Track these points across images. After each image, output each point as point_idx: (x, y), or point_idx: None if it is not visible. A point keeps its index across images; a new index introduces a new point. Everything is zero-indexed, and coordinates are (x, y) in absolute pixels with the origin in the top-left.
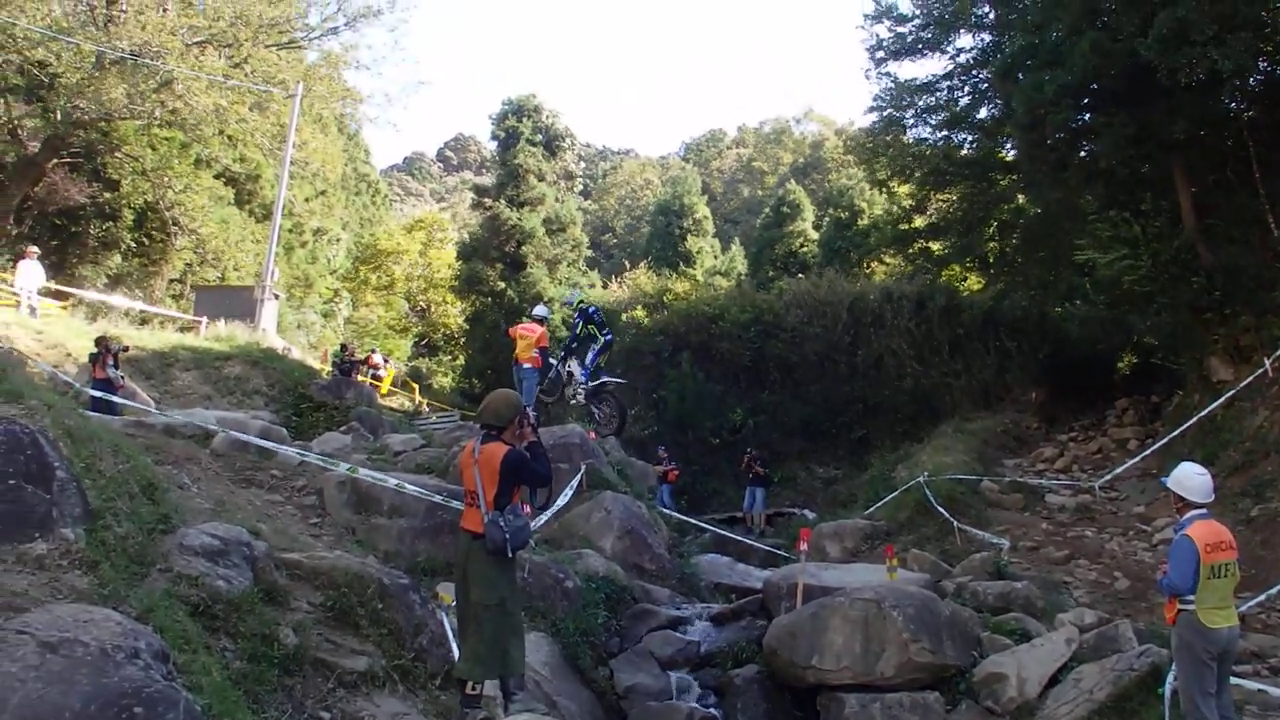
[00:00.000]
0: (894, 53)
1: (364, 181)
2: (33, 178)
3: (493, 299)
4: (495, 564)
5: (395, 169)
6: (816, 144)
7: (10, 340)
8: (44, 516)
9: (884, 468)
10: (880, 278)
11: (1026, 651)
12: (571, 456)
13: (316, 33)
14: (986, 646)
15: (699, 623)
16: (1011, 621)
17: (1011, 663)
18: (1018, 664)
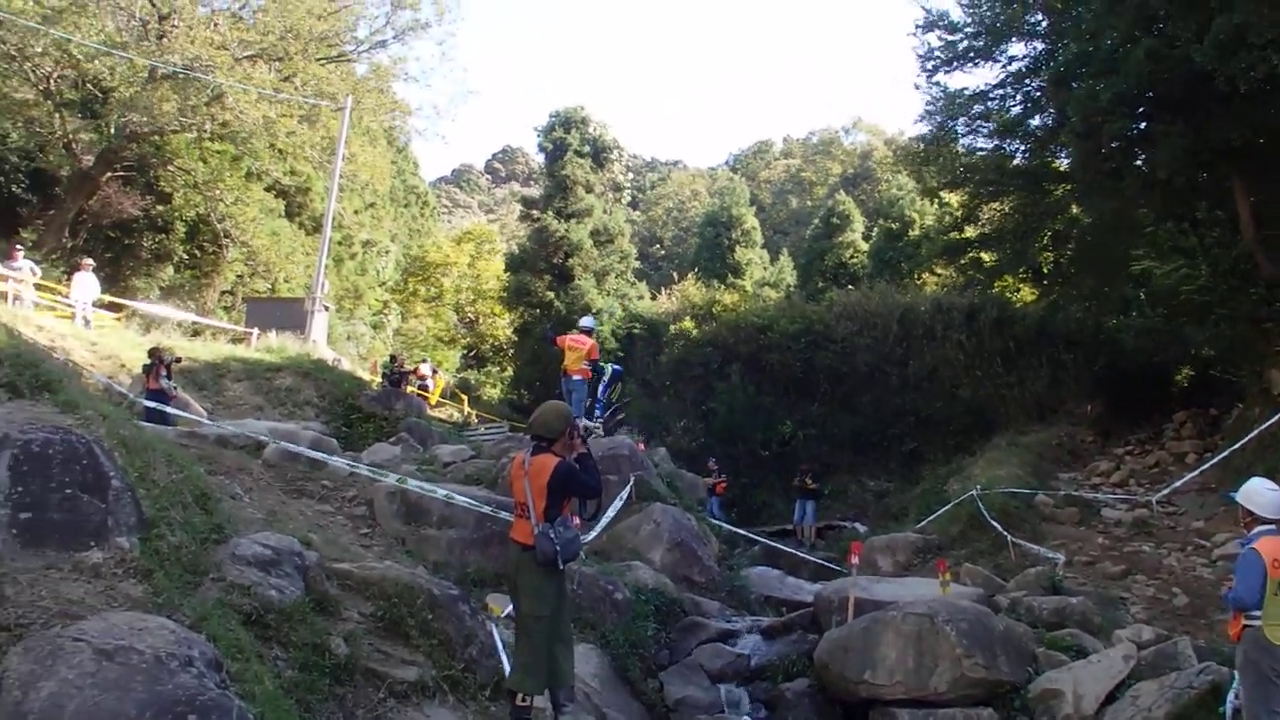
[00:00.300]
0: (945, 61)
1: (413, 194)
2: (87, 191)
3: (541, 310)
4: (545, 576)
5: (444, 181)
6: (865, 154)
7: (66, 351)
8: (99, 525)
9: (936, 481)
10: (931, 289)
11: (1083, 668)
12: (620, 468)
13: (365, 46)
14: (1042, 662)
15: (749, 636)
16: (1067, 637)
17: (1068, 679)
18: (1074, 680)
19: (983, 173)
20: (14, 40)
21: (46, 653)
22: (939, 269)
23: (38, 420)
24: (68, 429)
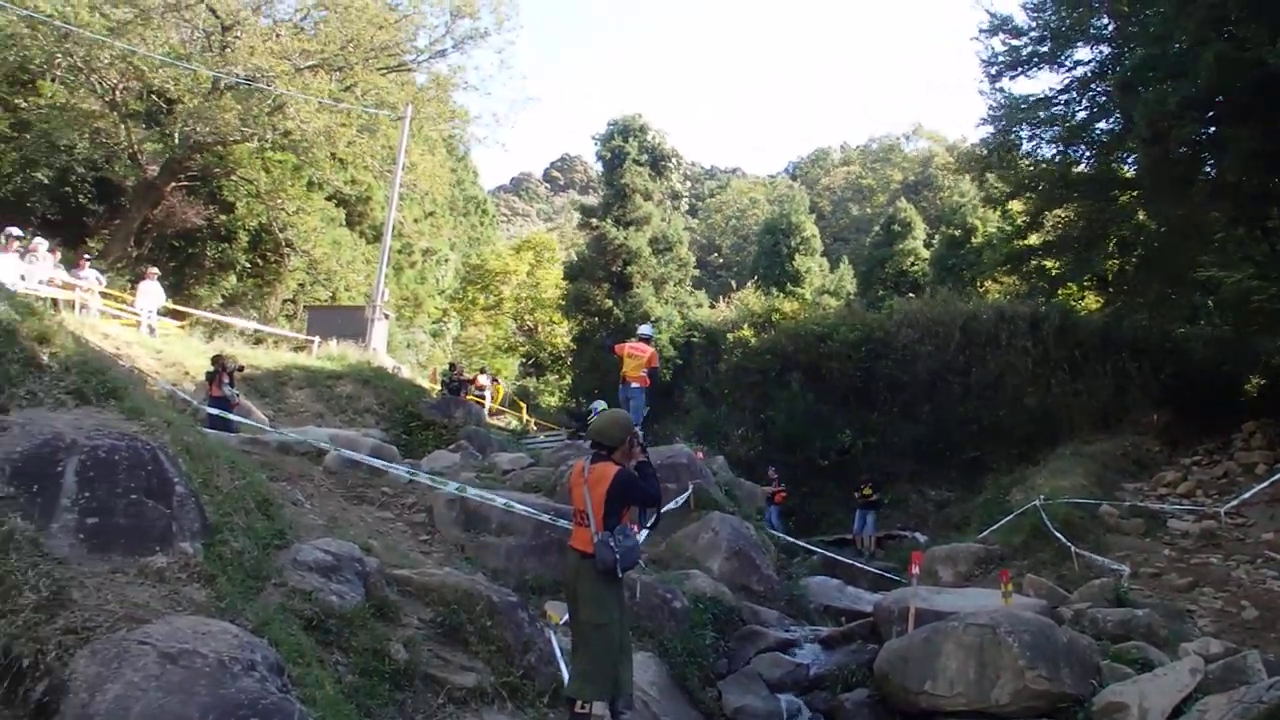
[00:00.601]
0: (1009, 66)
1: (472, 202)
2: (152, 201)
3: (599, 318)
4: (605, 584)
5: (502, 189)
6: (926, 160)
7: (131, 359)
8: (164, 531)
9: (998, 491)
10: (994, 297)
11: (1148, 681)
12: (679, 476)
13: (425, 55)
14: (1106, 675)
15: (808, 645)
16: (1133, 650)
17: (1133, 692)
18: (1139, 694)
19: (1047, 179)
20: (80, 52)
21: (112, 655)
22: (1002, 277)
23: (104, 427)
24: (133, 435)
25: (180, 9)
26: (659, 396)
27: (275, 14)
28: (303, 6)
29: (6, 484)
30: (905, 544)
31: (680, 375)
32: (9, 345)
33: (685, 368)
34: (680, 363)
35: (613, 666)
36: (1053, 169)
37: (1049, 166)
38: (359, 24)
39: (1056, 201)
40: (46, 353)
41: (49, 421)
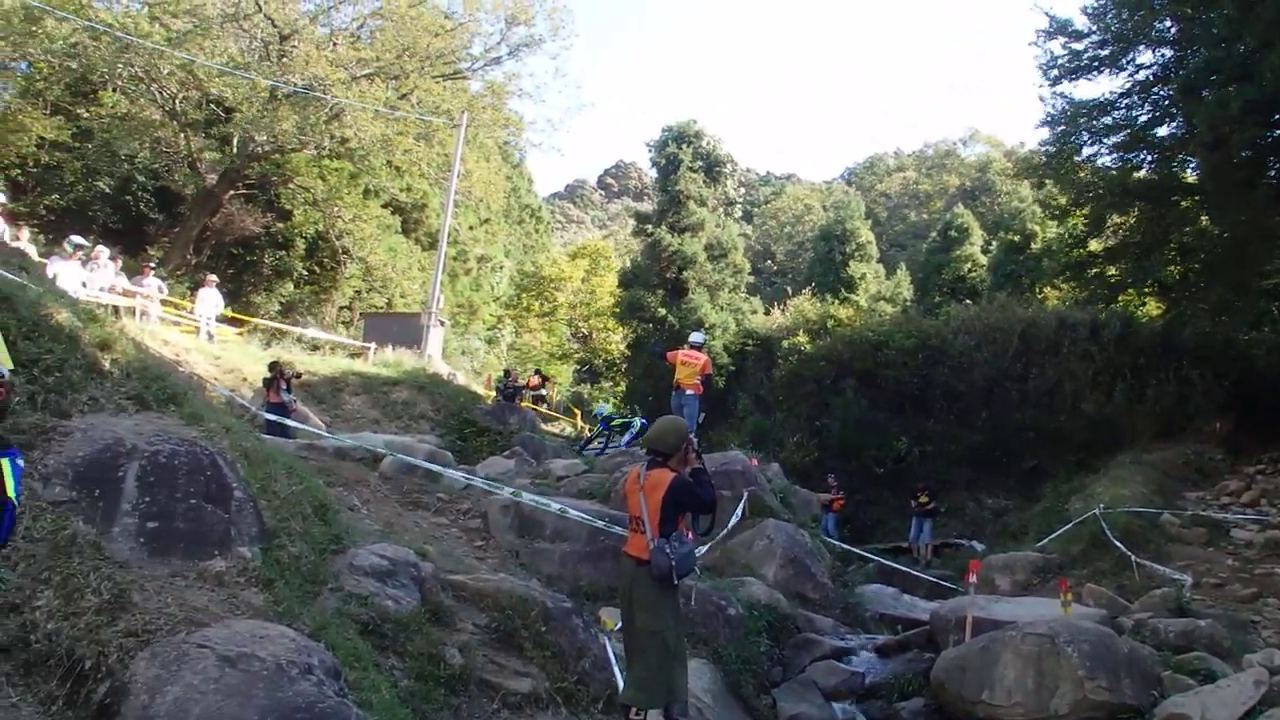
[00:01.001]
0: (1069, 71)
1: (527, 209)
2: (211, 209)
3: (654, 325)
4: (660, 590)
5: (557, 197)
6: (984, 166)
7: (190, 365)
8: (223, 535)
9: (1057, 499)
10: (1053, 303)
11: (1211, 693)
12: (734, 483)
13: (480, 63)
14: (1167, 686)
15: (864, 653)
16: (1195, 661)
17: (1195, 704)
18: (1202, 705)
19: (1107, 185)
20: (141, 62)
21: (172, 658)
22: (1061, 284)
23: (164, 432)
24: (193, 441)
25: (239, 19)
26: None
27: (332, 23)
28: (359, 15)
29: (69, 488)
30: (962, 552)
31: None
32: (72, 352)
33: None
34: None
35: (667, 674)
36: (1113, 174)
37: (1109, 172)
38: (414, 32)
39: (1117, 207)
40: (108, 359)
41: (110, 427)
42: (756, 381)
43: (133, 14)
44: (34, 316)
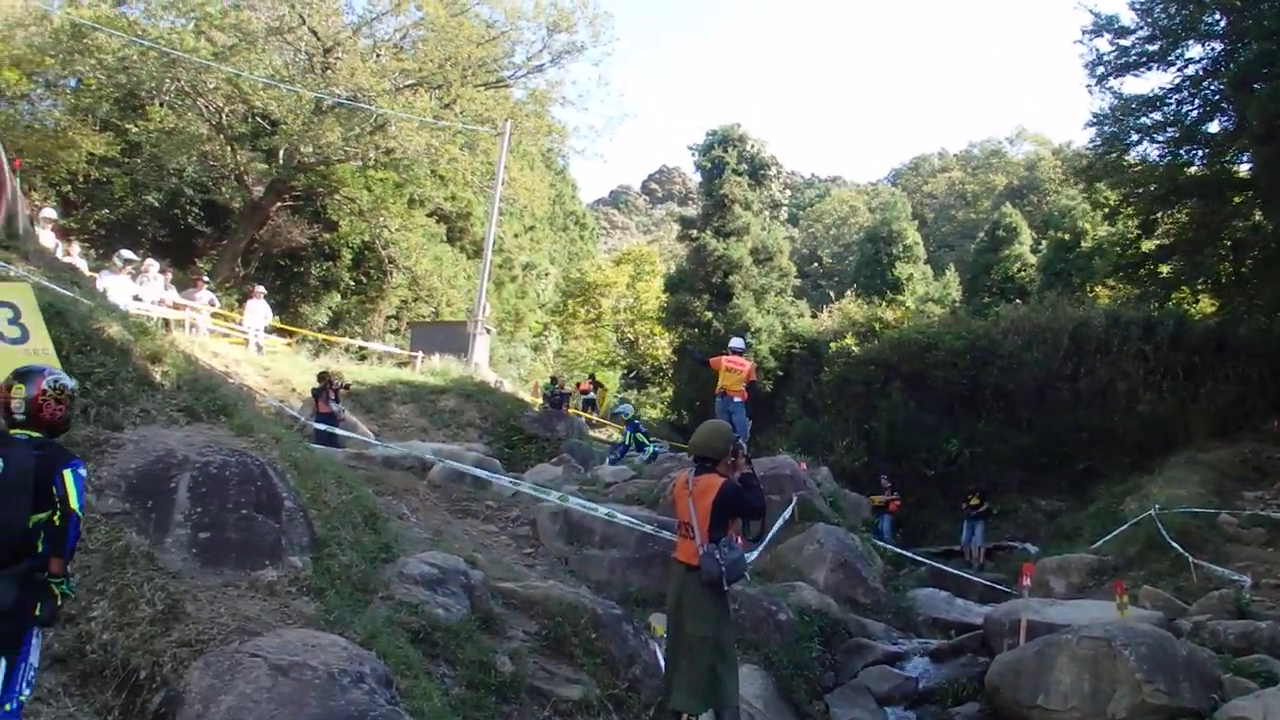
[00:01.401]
0: (1116, 68)
1: (571, 216)
2: (258, 221)
3: (700, 330)
4: (710, 596)
5: (601, 203)
6: (1032, 164)
7: (240, 376)
8: (274, 545)
9: (1111, 500)
10: (1104, 301)
11: (1274, 695)
12: (783, 488)
13: (522, 71)
14: (1228, 690)
15: (916, 658)
16: (1255, 663)
17: (1257, 707)
18: (1264, 709)
19: (1157, 181)
20: (187, 77)
21: (225, 668)
22: (1112, 282)
23: (215, 443)
24: (243, 451)
25: (283, 32)
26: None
27: (375, 35)
28: (402, 26)
29: (122, 500)
30: (1015, 555)
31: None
32: (123, 365)
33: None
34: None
35: (718, 679)
36: (1163, 171)
37: (1160, 168)
38: (457, 42)
39: (1168, 204)
40: (159, 371)
41: (162, 439)
42: (804, 385)
43: (178, 29)
44: (86, 330)
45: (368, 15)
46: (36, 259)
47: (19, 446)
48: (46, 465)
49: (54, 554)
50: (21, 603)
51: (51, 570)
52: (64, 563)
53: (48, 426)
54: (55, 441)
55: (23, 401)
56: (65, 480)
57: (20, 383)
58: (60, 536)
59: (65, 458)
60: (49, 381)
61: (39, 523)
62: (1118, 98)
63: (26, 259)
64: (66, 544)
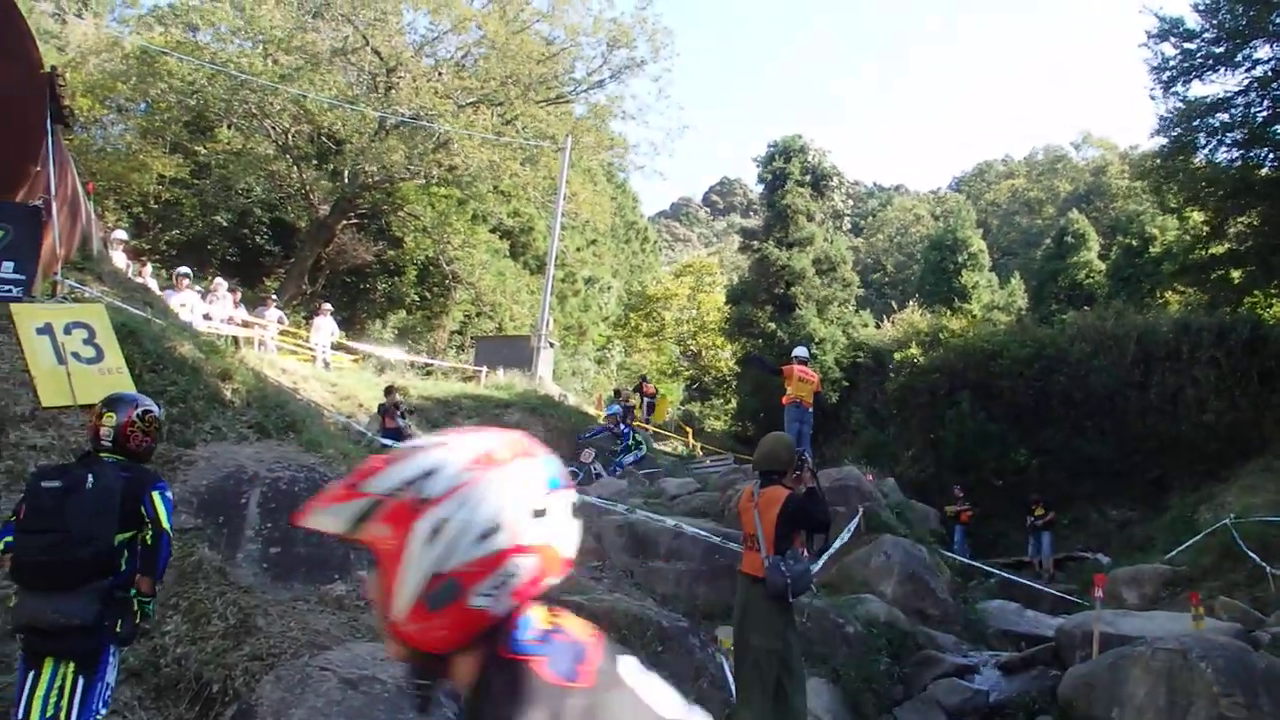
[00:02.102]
0: (1182, 71)
1: (633, 229)
2: (324, 239)
3: (763, 341)
4: (776, 608)
5: (663, 215)
6: (1098, 169)
7: (307, 393)
8: (342, 559)
9: (1184, 509)
10: (1174, 308)
11: None
12: (849, 499)
13: (583, 86)
14: None
15: (987, 671)
16: None
17: None
18: None
19: (1227, 185)
20: (255, 99)
21: (296, 681)
22: (1182, 287)
23: (284, 459)
24: (311, 467)
25: (347, 53)
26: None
27: (437, 54)
28: (463, 45)
29: (194, 515)
30: (1086, 565)
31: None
32: (195, 383)
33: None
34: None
35: (785, 692)
36: (1233, 174)
37: (1229, 172)
38: (518, 59)
39: (1238, 208)
40: (229, 389)
41: (232, 455)
42: (869, 395)
43: (246, 52)
44: (159, 349)
45: (430, 35)
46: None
47: (106, 467)
48: (134, 487)
49: (144, 573)
50: (101, 619)
51: (141, 589)
52: (154, 582)
53: (133, 454)
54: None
55: (112, 429)
56: (155, 501)
57: (111, 411)
58: (153, 556)
59: (152, 480)
60: (138, 413)
61: (124, 541)
62: (1183, 101)
63: (100, 280)
64: (158, 563)
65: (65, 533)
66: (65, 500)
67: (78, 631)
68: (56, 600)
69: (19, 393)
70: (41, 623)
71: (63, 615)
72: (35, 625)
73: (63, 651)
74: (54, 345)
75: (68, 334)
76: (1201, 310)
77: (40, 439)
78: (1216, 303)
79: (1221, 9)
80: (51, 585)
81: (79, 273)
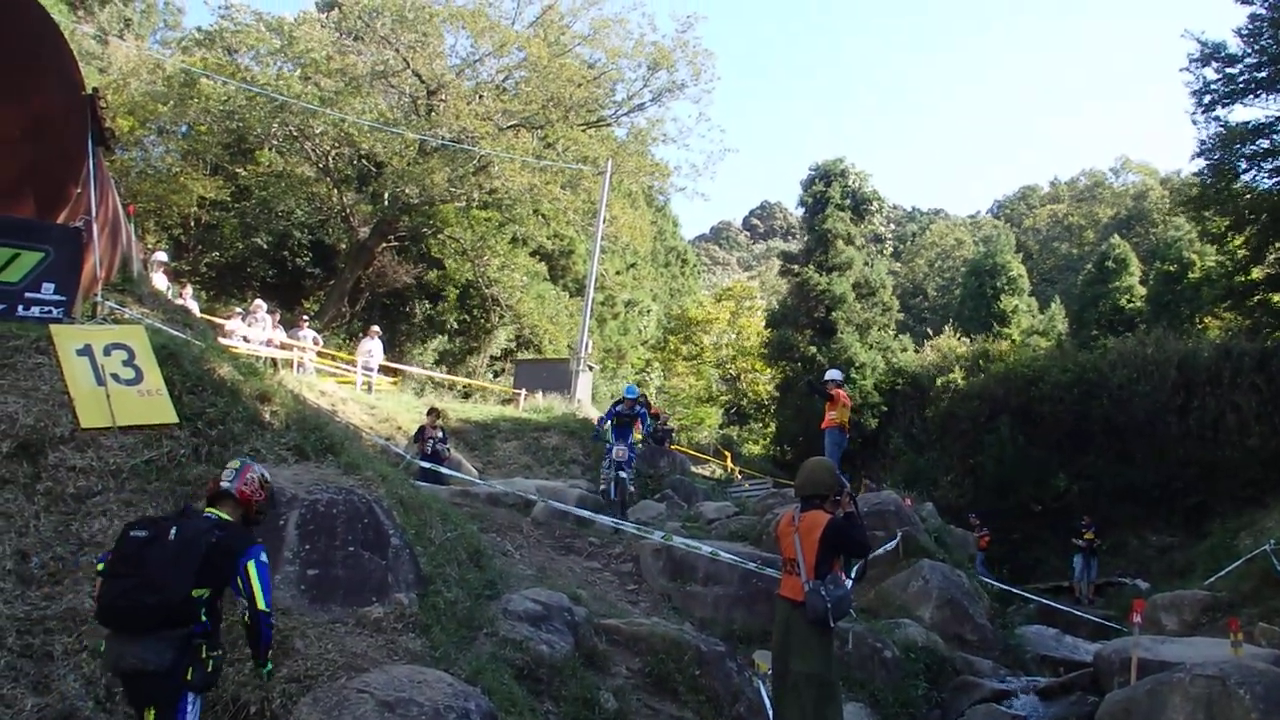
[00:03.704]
0: (1224, 96)
1: (673, 253)
2: (364, 261)
3: (803, 365)
4: (815, 633)
5: (703, 239)
6: (1139, 195)
7: (346, 415)
8: (380, 582)
9: (1225, 535)
10: (1215, 334)
11: None
12: (888, 524)
13: (624, 110)
14: None
15: (1025, 696)
16: None
17: None
18: None
19: (1268, 210)
20: (295, 122)
21: (333, 704)
22: (1222, 313)
23: (323, 482)
24: (350, 489)
25: (388, 76)
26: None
27: (478, 76)
28: (504, 68)
29: None
30: (1125, 591)
31: (887, 421)
32: (234, 405)
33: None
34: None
35: (823, 717)
36: (1274, 199)
37: (1270, 197)
38: (558, 82)
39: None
40: (268, 411)
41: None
42: (908, 420)
43: (286, 75)
44: (198, 371)
45: (471, 57)
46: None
47: (197, 520)
48: (225, 545)
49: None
50: (176, 666)
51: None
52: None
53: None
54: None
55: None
56: (250, 574)
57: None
58: (254, 639)
59: (248, 544)
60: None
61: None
62: (1225, 126)
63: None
64: (260, 646)
65: (140, 579)
66: (147, 549)
67: (154, 676)
68: (136, 645)
69: (58, 414)
70: (123, 666)
71: (139, 660)
72: (119, 668)
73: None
74: (94, 366)
75: (107, 355)
76: (1242, 336)
77: (79, 460)
78: (1258, 328)
79: (1264, 34)
80: (124, 629)
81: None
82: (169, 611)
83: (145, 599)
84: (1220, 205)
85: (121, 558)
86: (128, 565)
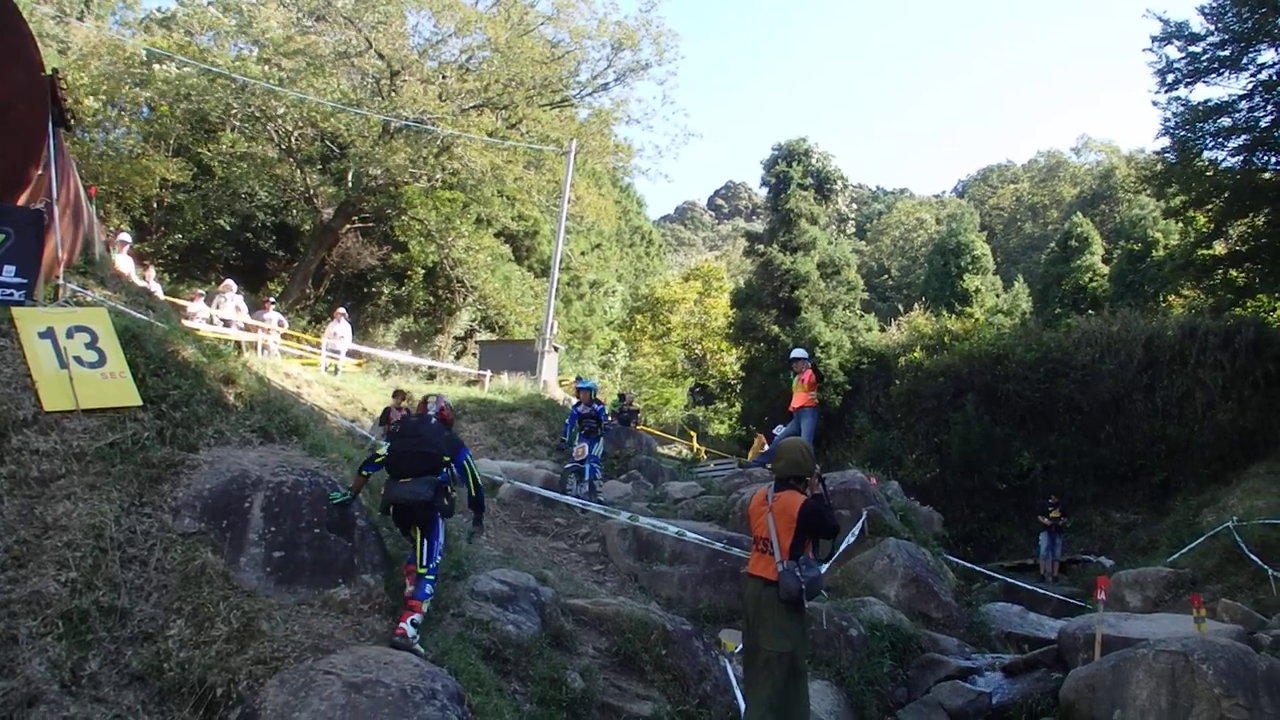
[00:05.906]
0: (1187, 75)
1: (638, 233)
2: (328, 243)
3: (767, 345)
4: (787, 613)
5: (668, 219)
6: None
7: (311, 397)
8: (346, 564)
9: (1188, 512)
10: (1178, 312)
11: None
12: (853, 503)
13: (587, 90)
14: None
15: (990, 673)
16: None
17: None
18: None
19: (1230, 188)
20: (257, 103)
21: (300, 685)
22: (1186, 290)
23: (288, 464)
24: (315, 471)
25: (350, 56)
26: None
27: (441, 56)
28: (467, 48)
29: (198, 520)
30: (1090, 568)
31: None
32: (198, 387)
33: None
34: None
35: (792, 695)
36: (1237, 177)
37: (1233, 174)
38: (522, 62)
39: (1242, 210)
40: (232, 393)
41: (236, 459)
42: (873, 399)
43: (245, 56)
44: (162, 353)
45: (433, 38)
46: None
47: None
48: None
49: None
50: (433, 498)
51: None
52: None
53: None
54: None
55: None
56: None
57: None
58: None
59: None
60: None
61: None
62: (1187, 105)
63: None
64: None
65: (421, 439)
66: (423, 424)
67: (421, 505)
68: (409, 486)
69: (21, 397)
70: (401, 499)
71: (410, 494)
72: (398, 501)
73: (412, 519)
74: (56, 349)
75: (70, 338)
76: (1206, 314)
77: (43, 443)
78: (1221, 305)
79: (1226, 13)
80: (407, 472)
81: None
82: (433, 463)
83: (428, 450)
84: (1183, 183)
85: (407, 426)
86: (415, 428)
